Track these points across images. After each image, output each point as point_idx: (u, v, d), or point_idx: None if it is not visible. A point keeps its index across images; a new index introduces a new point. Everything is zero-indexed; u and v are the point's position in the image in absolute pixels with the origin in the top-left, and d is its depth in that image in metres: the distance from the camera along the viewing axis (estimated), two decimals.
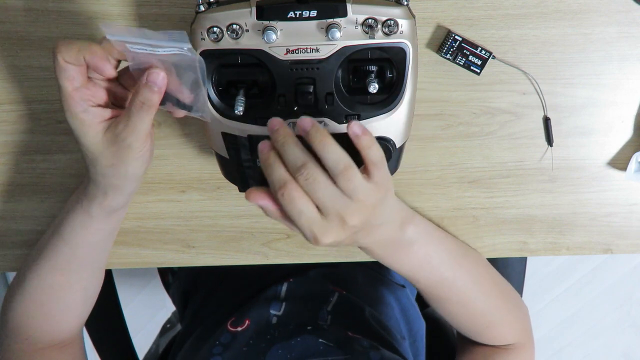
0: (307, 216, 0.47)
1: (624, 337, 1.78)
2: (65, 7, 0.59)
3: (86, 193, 0.57)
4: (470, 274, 0.64)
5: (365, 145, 0.47)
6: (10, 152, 0.64)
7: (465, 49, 0.59)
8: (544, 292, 1.73)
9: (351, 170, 0.46)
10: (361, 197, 0.47)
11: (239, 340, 0.67)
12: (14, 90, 0.62)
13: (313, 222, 0.47)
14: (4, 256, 0.68)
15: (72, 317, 0.65)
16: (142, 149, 0.51)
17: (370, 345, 0.66)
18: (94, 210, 0.57)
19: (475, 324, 0.66)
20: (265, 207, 0.48)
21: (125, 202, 0.58)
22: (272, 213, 0.48)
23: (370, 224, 0.50)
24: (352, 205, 0.47)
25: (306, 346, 0.65)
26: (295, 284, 0.75)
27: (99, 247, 0.62)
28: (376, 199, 0.48)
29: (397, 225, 0.57)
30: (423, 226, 0.61)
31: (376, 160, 0.47)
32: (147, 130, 0.50)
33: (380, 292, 0.80)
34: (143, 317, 1.64)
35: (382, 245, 0.56)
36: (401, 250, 0.58)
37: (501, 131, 0.63)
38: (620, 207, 0.65)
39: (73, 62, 0.48)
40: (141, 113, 0.48)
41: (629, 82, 0.61)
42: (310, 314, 0.71)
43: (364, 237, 0.52)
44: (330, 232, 0.48)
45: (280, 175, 0.46)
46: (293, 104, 0.52)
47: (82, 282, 0.63)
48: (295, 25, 0.49)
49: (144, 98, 0.48)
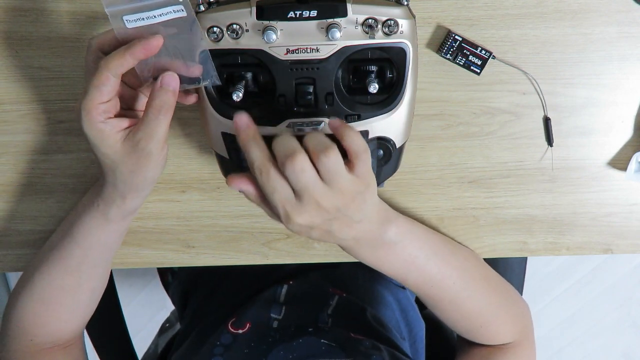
0: (280, 194, 0.47)
1: (624, 337, 1.78)
2: (65, 7, 0.59)
3: (103, 196, 0.57)
4: (460, 272, 0.63)
5: (346, 136, 0.47)
6: (10, 152, 0.64)
7: (465, 49, 0.59)
8: (544, 292, 1.72)
9: (332, 150, 0.46)
10: (339, 186, 0.47)
11: (240, 343, 0.67)
12: (14, 90, 0.62)
13: (287, 201, 0.47)
14: (4, 256, 0.68)
15: (78, 317, 0.66)
16: (162, 154, 0.52)
17: (373, 345, 0.66)
18: (112, 212, 0.57)
19: (470, 323, 0.66)
20: (246, 191, 0.49)
21: (141, 204, 0.59)
22: (251, 195, 0.49)
23: (347, 217, 0.50)
24: (329, 192, 0.47)
25: (308, 347, 0.65)
26: (295, 287, 0.75)
27: (110, 248, 0.62)
28: (355, 191, 0.48)
29: (376, 224, 0.55)
30: (407, 227, 0.59)
31: (358, 151, 0.47)
32: (165, 134, 0.50)
33: (380, 293, 0.80)
34: (143, 317, 1.64)
35: (362, 244, 0.56)
36: (383, 250, 0.58)
37: (501, 131, 0.63)
38: (620, 207, 0.65)
39: (118, 75, 0.48)
40: (159, 118, 0.49)
41: (629, 82, 0.61)
42: (311, 317, 0.71)
43: (340, 229, 0.51)
44: (303, 213, 0.48)
45: (261, 152, 0.47)
46: (293, 104, 0.52)
47: (91, 283, 0.64)
48: (295, 25, 0.49)
49: (161, 101, 0.48)
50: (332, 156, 0.46)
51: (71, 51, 0.60)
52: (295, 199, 0.47)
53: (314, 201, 0.47)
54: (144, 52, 0.48)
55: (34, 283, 0.63)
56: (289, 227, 0.49)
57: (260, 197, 0.49)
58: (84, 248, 0.60)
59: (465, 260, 0.64)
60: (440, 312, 0.65)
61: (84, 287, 0.63)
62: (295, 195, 0.47)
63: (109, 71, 0.48)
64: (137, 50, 0.47)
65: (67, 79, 0.61)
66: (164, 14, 0.47)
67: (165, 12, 0.47)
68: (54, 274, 0.62)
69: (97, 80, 0.48)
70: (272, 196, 0.47)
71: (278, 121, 0.53)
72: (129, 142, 0.51)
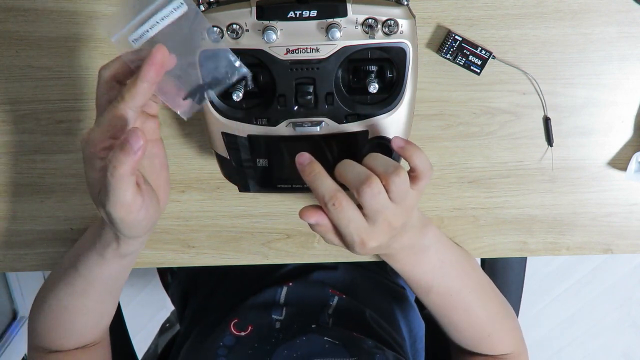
0: (355, 223, 0.48)
1: (624, 337, 1.78)
2: (65, 7, 0.59)
3: (100, 237, 0.56)
4: (475, 281, 0.64)
5: (415, 156, 0.49)
6: (10, 152, 0.64)
7: (465, 49, 0.59)
8: (544, 292, 1.73)
9: (403, 171, 0.48)
10: (407, 203, 0.49)
11: (243, 344, 0.66)
12: (14, 90, 0.62)
13: (362, 228, 0.49)
14: (4, 256, 0.68)
15: (91, 330, 0.66)
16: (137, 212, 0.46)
17: (375, 345, 0.66)
18: (108, 254, 0.56)
19: (478, 332, 0.66)
20: (321, 223, 0.49)
21: (141, 248, 0.58)
22: (324, 227, 0.50)
23: (404, 228, 0.53)
24: (398, 211, 0.49)
25: (311, 345, 0.65)
26: (295, 288, 0.75)
27: (115, 281, 0.62)
28: (414, 205, 0.51)
29: (418, 229, 0.58)
30: (437, 231, 0.62)
31: (425, 170, 0.49)
32: (129, 199, 0.45)
33: (379, 294, 0.80)
34: (143, 317, 1.64)
35: (406, 250, 0.58)
36: (419, 255, 0.59)
37: (501, 131, 0.63)
38: (620, 207, 0.65)
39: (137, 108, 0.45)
40: (113, 181, 0.43)
41: (629, 82, 0.61)
42: (312, 317, 0.71)
43: (395, 241, 0.54)
44: (376, 236, 0.50)
45: (329, 185, 0.48)
46: (293, 104, 0.52)
47: (99, 306, 0.64)
48: (295, 25, 0.49)
49: (117, 161, 0.42)
50: (403, 177, 0.48)
51: (71, 51, 0.60)
52: (368, 223, 0.49)
53: (386, 223, 0.49)
54: (155, 70, 0.43)
55: (45, 301, 0.64)
56: (360, 252, 0.51)
57: (334, 229, 0.50)
58: (88, 280, 0.60)
59: (478, 270, 0.66)
60: (451, 320, 0.65)
61: (92, 309, 0.64)
62: (367, 220, 0.49)
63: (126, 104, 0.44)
64: (147, 73, 0.43)
65: (67, 79, 0.61)
66: (166, 16, 0.45)
67: (167, 14, 0.45)
68: (61, 295, 0.63)
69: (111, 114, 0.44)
70: (347, 227, 0.49)
71: (278, 121, 0.53)
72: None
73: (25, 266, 0.69)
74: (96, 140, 0.45)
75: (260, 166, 0.57)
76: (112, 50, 0.60)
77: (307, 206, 0.49)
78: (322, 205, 0.48)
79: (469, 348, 0.68)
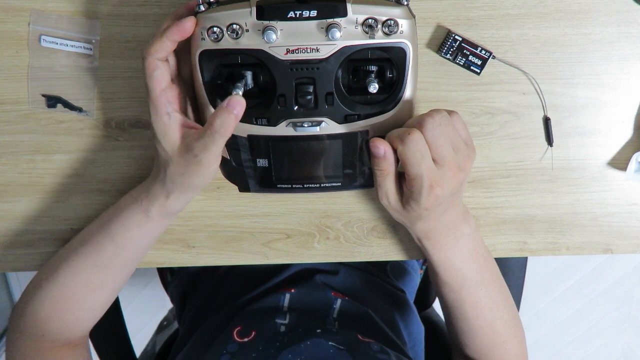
0: (427, 162, 0.50)
1: (624, 337, 1.78)
2: (65, 7, 0.59)
3: (148, 192, 0.58)
4: (500, 280, 0.64)
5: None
6: (10, 152, 0.64)
7: (465, 49, 0.59)
8: (544, 292, 1.73)
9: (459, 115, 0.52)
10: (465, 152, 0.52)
11: (247, 349, 0.66)
12: (14, 90, 0.62)
13: (432, 168, 0.51)
14: (4, 256, 0.68)
15: (92, 316, 0.66)
16: (211, 167, 0.53)
17: (381, 349, 0.66)
18: (153, 210, 0.58)
19: (496, 337, 0.65)
20: (388, 155, 0.52)
21: (182, 209, 0.60)
22: (389, 164, 0.52)
23: (457, 196, 0.55)
24: (472, 154, 0.53)
25: (316, 350, 0.65)
26: (297, 294, 0.75)
27: (142, 249, 0.62)
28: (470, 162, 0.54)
29: (461, 213, 0.59)
30: (475, 224, 0.61)
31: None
32: (219, 151, 0.51)
33: (379, 296, 0.80)
34: (143, 317, 1.64)
35: (450, 231, 0.58)
36: (459, 241, 0.59)
37: (501, 131, 0.63)
38: (620, 207, 0.65)
39: (163, 59, 0.51)
40: (215, 136, 0.50)
41: (629, 82, 0.61)
42: (318, 321, 0.71)
43: (449, 210, 0.55)
44: (444, 182, 0.51)
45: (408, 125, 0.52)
46: (293, 104, 0.52)
47: (114, 284, 0.64)
48: (295, 25, 0.49)
49: (222, 122, 0.49)
50: (461, 118, 0.51)
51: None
52: (437, 166, 0.51)
53: (456, 165, 0.51)
54: (179, 33, 0.50)
55: (57, 277, 0.62)
56: (424, 203, 0.52)
57: (395, 177, 0.53)
58: (118, 245, 0.60)
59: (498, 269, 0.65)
60: (474, 321, 0.64)
61: (106, 286, 0.63)
62: (436, 163, 0.51)
63: (151, 56, 0.50)
64: (173, 33, 0.50)
65: (67, 79, 0.61)
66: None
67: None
68: (81, 269, 0.62)
69: (148, 69, 0.50)
70: (419, 165, 0.50)
71: (278, 121, 0.53)
72: (184, 144, 0.52)
73: (25, 266, 0.69)
74: (154, 98, 0.52)
75: (260, 166, 0.57)
76: (112, 50, 0.60)
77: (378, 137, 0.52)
78: (394, 145, 0.51)
79: (477, 356, 0.66)
